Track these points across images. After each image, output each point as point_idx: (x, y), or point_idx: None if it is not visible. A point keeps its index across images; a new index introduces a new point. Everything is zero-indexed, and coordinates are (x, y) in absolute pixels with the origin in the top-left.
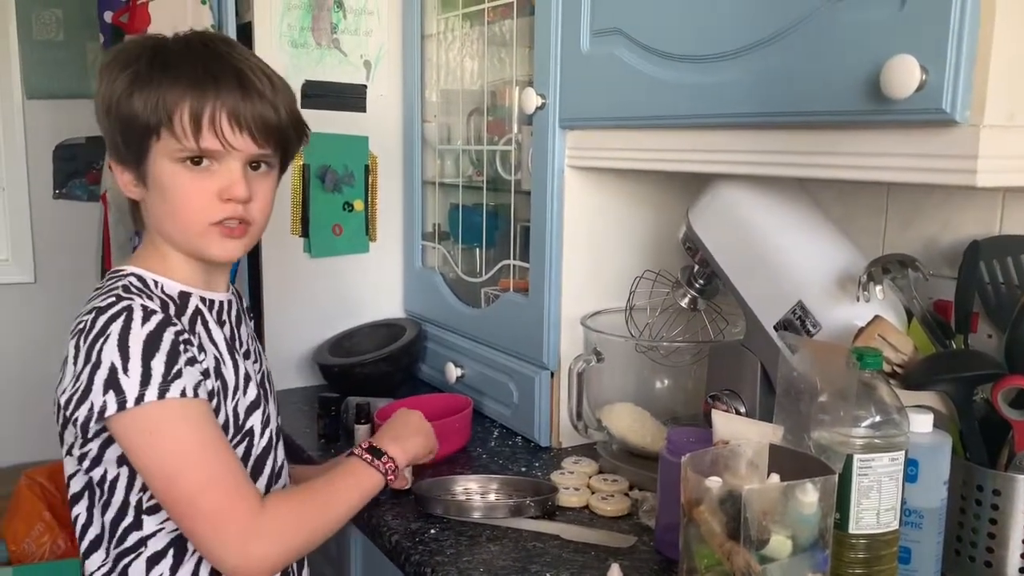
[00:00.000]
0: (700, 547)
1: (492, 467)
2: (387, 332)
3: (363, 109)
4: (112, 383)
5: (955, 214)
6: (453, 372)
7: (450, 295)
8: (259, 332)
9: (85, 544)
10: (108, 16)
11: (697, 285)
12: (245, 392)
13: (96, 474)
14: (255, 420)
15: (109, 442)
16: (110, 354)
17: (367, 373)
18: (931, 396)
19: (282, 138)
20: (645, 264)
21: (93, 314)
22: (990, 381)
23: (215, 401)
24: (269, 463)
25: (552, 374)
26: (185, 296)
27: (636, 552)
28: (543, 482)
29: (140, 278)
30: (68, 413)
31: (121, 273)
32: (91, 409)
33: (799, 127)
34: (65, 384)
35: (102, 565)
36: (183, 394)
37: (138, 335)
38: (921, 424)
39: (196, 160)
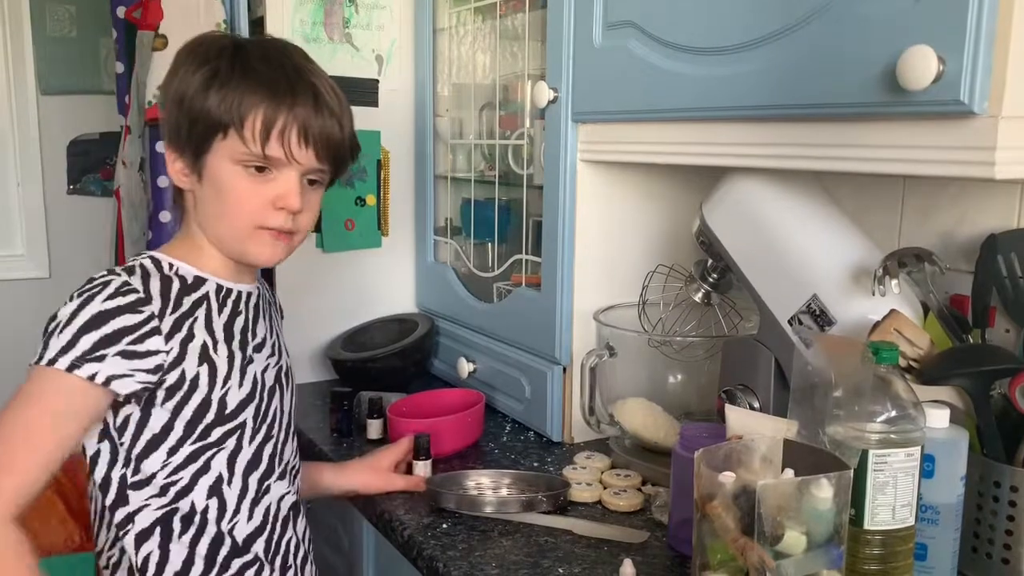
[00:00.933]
0: (713, 543)
1: (504, 462)
2: (399, 327)
3: (375, 104)
4: (48, 337)
5: (972, 207)
6: (465, 367)
7: (462, 290)
8: None
9: (95, 520)
10: (121, 11)
11: (711, 279)
12: (241, 384)
13: (89, 447)
14: (248, 414)
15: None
16: (66, 311)
17: (379, 368)
18: (948, 391)
19: (340, 156)
20: (658, 259)
21: (83, 285)
22: (1008, 376)
23: (180, 392)
24: (274, 460)
25: (564, 369)
26: (200, 281)
27: (649, 547)
28: (555, 477)
29: (155, 260)
30: None
31: (142, 256)
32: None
33: (814, 120)
34: None
35: (106, 541)
36: (91, 378)
37: (93, 308)
38: (937, 419)
39: (259, 167)
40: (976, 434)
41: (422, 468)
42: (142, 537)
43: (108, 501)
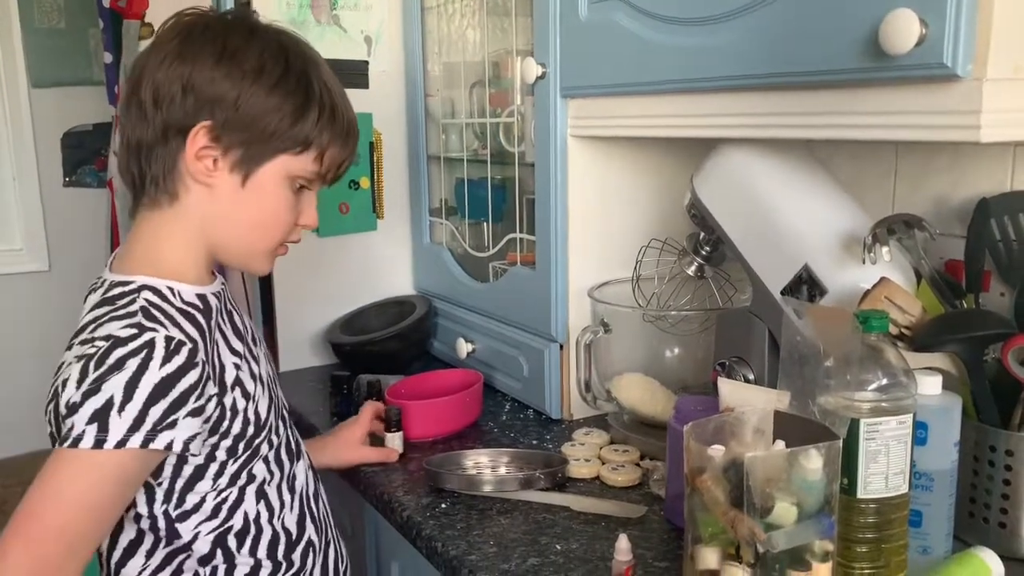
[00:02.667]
0: (704, 516)
1: (503, 440)
2: (398, 309)
3: (365, 86)
4: (101, 416)
5: (965, 172)
6: (464, 347)
7: (459, 270)
8: (270, 314)
9: (118, 552)
10: (106, 0)
11: (703, 252)
12: (262, 391)
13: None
14: (272, 414)
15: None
16: (115, 388)
17: (379, 351)
18: (941, 357)
19: None
20: (651, 233)
21: (110, 344)
22: (1000, 340)
23: (240, 414)
24: (291, 445)
25: (561, 346)
26: (203, 299)
27: (646, 522)
28: (553, 454)
29: (155, 291)
30: (52, 427)
31: (131, 287)
32: (70, 431)
33: (800, 88)
34: (60, 405)
35: (143, 569)
36: (168, 447)
37: (152, 378)
38: (930, 386)
39: (302, 186)
40: (970, 400)
41: (393, 440)
42: (205, 560)
43: (156, 535)
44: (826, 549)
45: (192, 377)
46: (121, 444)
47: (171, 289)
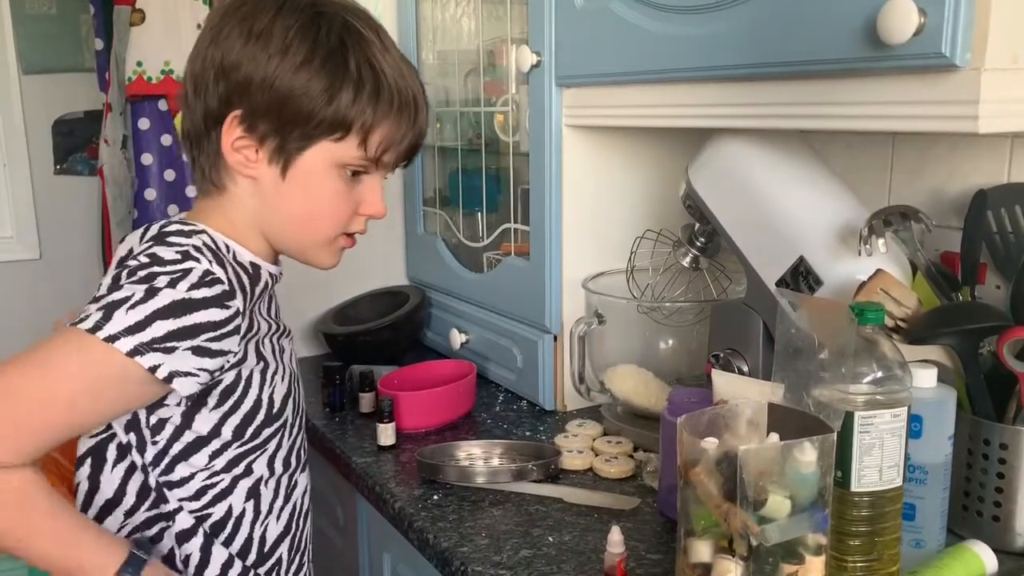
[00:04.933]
0: (698, 509)
1: (496, 432)
2: (391, 300)
3: None
4: (110, 308)
5: (962, 163)
6: (457, 338)
7: (453, 261)
8: None
9: (94, 511)
10: None
11: (698, 243)
12: (283, 378)
13: (103, 438)
14: (289, 409)
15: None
16: (136, 289)
17: (371, 341)
18: (936, 350)
19: None
20: (646, 224)
21: (150, 260)
22: (995, 333)
23: (254, 393)
24: (300, 452)
25: (555, 338)
26: (256, 268)
27: (639, 514)
28: (547, 446)
29: (213, 240)
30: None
31: (191, 228)
32: (81, 317)
33: (796, 77)
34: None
35: (120, 528)
36: (152, 370)
37: (173, 295)
38: (925, 379)
39: (356, 172)
40: (965, 393)
41: (385, 431)
42: (183, 537)
43: (139, 496)
44: (819, 542)
45: (215, 315)
46: (112, 339)
47: (227, 246)
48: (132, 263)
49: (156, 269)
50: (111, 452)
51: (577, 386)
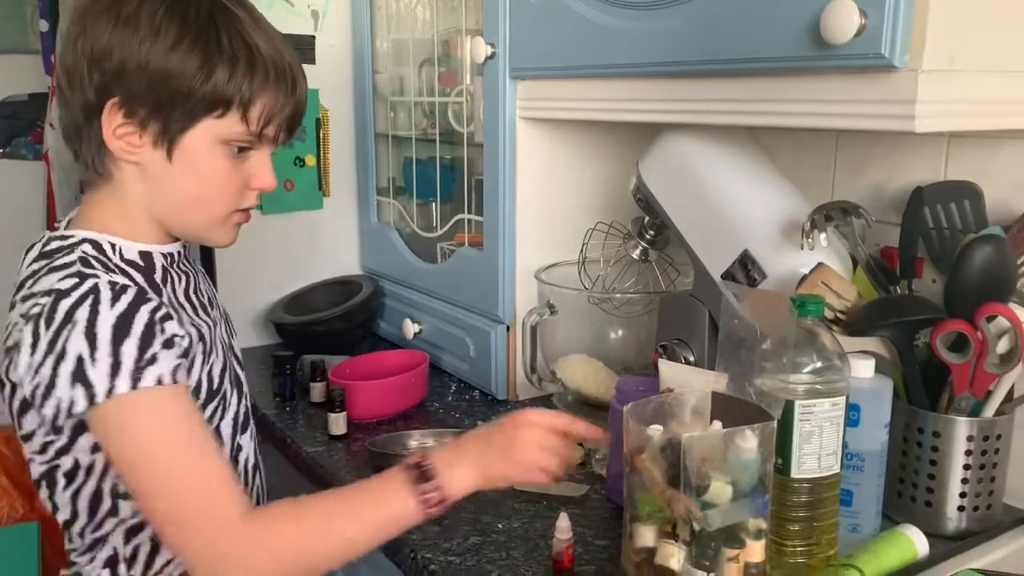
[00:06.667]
0: (643, 495)
1: (448, 421)
2: (343, 289)
3: (312, 61)
4: (79, 376)
5: (902, 161)
6: (411, 328)
7: (406, 251)
8: None
9: (60, 522)
10: None
11: (648, 236)
12: (218, 353)
13: (65, 462)
14: (227, 382)
15: (80, 430)
16: (77, 344)
17: (324, 331)
18: (874, 341)
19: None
20: (598, 216)
21: (52, 298)
22: (930, 325)
23: (196, 373)
24: (240, 416)
25: (508, 328)
26: (147, 256)
27: (588, 501)
28: None
29: (95, 244)
30: (31, 402)
31: (71, 241)
32: (58, 406)
33: (743, 75)
34: (20, 372)
35: (78, 548)
36: (159, 382)
37: (107, 319)
38: (862, 369)
39: (242, 147)
40: (901, 383)
41: (336, 421)
42: (133, 532)
43: (100, 512)
44: (760, 527)
45: (147, 311)
46: (109, 393)
47: (112, 245)
48: (37, 308)
49: (66, 305)
50: (60, 477)
51: (529, 376)
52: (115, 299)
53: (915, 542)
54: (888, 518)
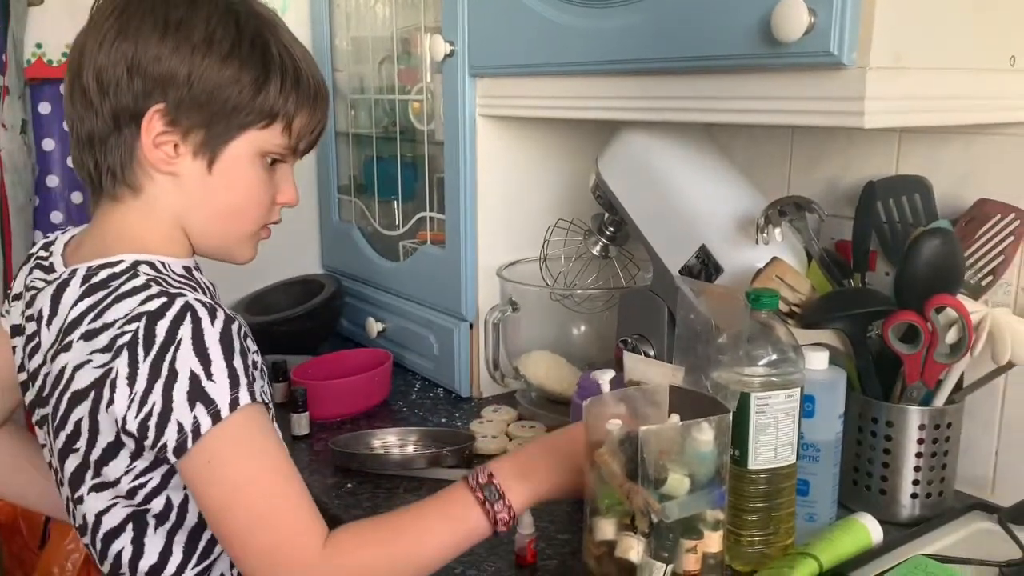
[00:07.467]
0: (603, 488)
1: (412, 419)
2: (304, 288)
3: None
4: (197, 394)
5: (855, 157)
6: (374, 327)
7: (368, 249)
8: None
9: (144, 569)
10: None
11: (608, 233)
12: None
13: (156, 505)
14: None
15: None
16: (187, 362)
17: (286, 331)
18: (828, 334)
19: None
20: (559, 213)
21: (143, 321)
22: (882, 317)
23: None
24: None
25: (471, 325)
26: (188, 271)
27: None
28: (461, 431)
29: (150, 264)
30: (142, 437)
31: (124, 265)
32: (181, 430)
33: (696, 72)
34: (118, 410)
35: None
36: (263, 399)
37: (212, 335)
38: (817, 361)
39: (275, 160)
40: (855, 374)
41: (299, 421)
42: (111, 536)
43: (203, 540)
44: (717, 518)
45: (235, 328)
46: (235, 404)
47: (163, 263)
48: (123, 336)
49: (164, 325)
50: (165, 515)
51: (492, 373)
52: (212, 315)
53: (870, 529)
54: (844, 507)
